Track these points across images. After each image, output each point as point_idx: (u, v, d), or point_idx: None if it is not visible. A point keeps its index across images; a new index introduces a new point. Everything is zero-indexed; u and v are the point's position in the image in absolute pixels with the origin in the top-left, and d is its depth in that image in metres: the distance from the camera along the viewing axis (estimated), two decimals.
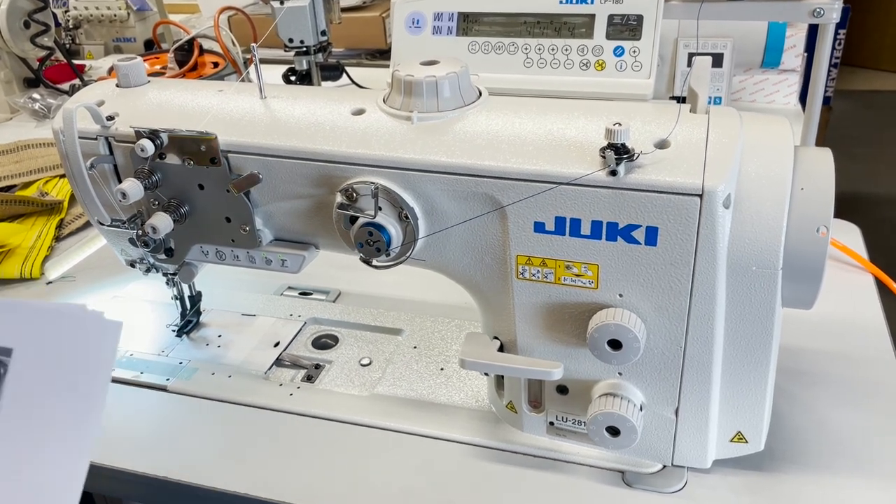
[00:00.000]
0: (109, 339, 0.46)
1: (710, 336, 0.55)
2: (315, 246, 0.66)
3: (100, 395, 0.45)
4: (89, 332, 0.46)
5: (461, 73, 0.59)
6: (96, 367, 0.45)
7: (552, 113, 0.58)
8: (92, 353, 0.45)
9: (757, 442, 0.60)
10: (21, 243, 0.98)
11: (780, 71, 1.27)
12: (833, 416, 0.67)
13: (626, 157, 0.51)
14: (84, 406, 0.45)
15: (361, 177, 0.58)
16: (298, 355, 0.78)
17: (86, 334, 0.46)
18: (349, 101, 0.62)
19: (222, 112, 0.63)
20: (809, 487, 0.60)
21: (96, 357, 0.45)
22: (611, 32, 0.66)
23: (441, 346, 0.77)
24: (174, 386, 0.74)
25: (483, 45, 0.70)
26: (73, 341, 0.46)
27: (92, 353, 0.45)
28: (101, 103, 0.66)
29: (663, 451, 0.61)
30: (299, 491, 0.62)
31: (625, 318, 0.55)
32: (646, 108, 0.58)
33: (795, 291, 0.54)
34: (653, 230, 0.52)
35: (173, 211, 0.65)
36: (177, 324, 0.81)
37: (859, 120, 3.58)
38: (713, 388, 0.57)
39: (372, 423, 0.68)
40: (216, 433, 0.69)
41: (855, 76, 4.04)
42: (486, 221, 0.57)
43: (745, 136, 0.53)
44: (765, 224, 0.51)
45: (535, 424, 0.65)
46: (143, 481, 0.65)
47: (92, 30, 1.86)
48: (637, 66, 0.66)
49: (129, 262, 0.75)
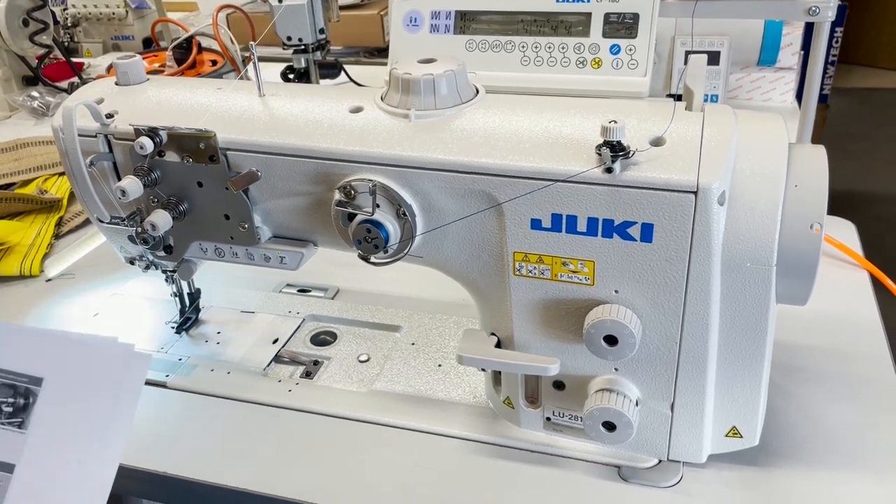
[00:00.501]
0: (137, 372, 0.47)
1: (706, 332, 0.55)
2: (313, 243, 0.67)
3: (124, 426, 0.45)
4: (118, 365, 0.47)
5: (458, 72, 0.59)
6: (122, 398, 0.46)
7: (549, 111, 0.58)
8: (119, 385, 0.46)
9: (752, 437, 0.61)
10: (20, 241, 0.98)
11: (777, 69, 1.27)
12: (827, 411, 0.67)
13: (622, 155, 0.51)
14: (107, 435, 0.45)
15: (359, 174, 0.58)
16: (297, 352, 0.78)
17: (115, 366, 0.47)
18: (347, 98, 0.63)
19: (221, 110, 0.64)
20: (803, 482, 0.60)
21: (123, 388, 0.46)
22: (607, 31, 0.67)
23: (439, 342, 0.78)
24: (173, 382, 0.74)
25: (480, 44, 0.71)
26: (101, 373, 0.47)
27: (119, 384, 0.46)
28: (100, 101, 0.66)
29: (659, 446, 0.62)
30: (298, 486, 0.63)
31: (620, 314, 0.55)
32: (642, 105, 0.58)
33: (790, 288, 0.54)
34: (648, 227, 0.53)
35: (172, 208, 0.65)
36: (176, 321, 0.82)
37: (856, 117, 3.58)
38: (708, 383, 0.58)
39: (370, 418, 0.69)
40: (215, 429, 0.69)
41: (852, 74, 4.04)
42: (483, 218, 0.57)
43: (739, 134, 0.54)
44: (759, 221, 0.52)
45: (532, 420, 0.65)
46: (142, 477, 0.65)
47: (90, 28, 1.86)
48: (633, 64, 0.66)
49: (128, 259, 0.75)
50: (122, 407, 0.45)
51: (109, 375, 0.45)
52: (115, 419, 0.45)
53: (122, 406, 0.45)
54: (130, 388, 0.45)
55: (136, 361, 0.46)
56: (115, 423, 0.45)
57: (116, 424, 0.45)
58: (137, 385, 0.46)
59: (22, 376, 0.48)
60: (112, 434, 0.45)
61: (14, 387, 0.48)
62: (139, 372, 0.46)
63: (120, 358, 0.46)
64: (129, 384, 0.45)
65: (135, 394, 0.45)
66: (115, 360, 0.46)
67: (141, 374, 0.46)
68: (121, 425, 0.45)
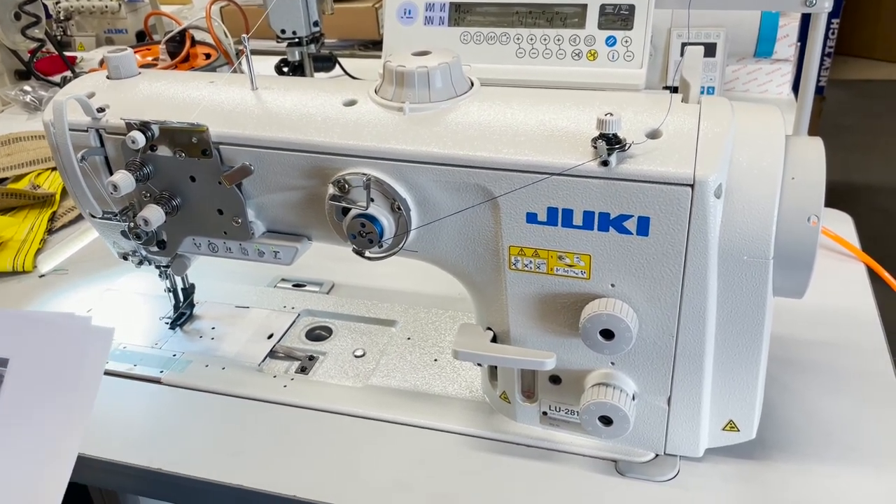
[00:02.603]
0: (101, 345, 0.47)
1: (702, 325, 0.55)
2: (308, 238, 0.66)
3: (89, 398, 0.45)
4: (81, 340, 0.46)
5: (453, 64, 0.58)
6: (87, 372, 0.46)
7: (544, 103, 0.57)
8: (83, 360, 0.46)
9: (749, 430, 0.60)
10: (13, 236, 0.98)
11: (774, 60, 1.27)
12: (824, 404, 0.67)
13: (618, 148, 0.51)
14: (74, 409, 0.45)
15: (353, 168, 0.58)
16: (292, 347, 0.78)
17: (78, 342, 0.47)
18: (341, 92, 0.62)
19: (213, 103, 0.63)
20: (800, 476, 0.60)
21: (87, 363, 0.46)
22: (603, 22, 0.66)
23: (435, 337, 0.77)
24: (168, 378, 0.74)
25: (475, 36, 0.70)
26: (65, 349, 0.46)
27: (83, 359, 0.46)
28: (91, 95, 0.66)
29: (656, 440, 0.62)
30: (293, 482, 0.62)
31: (617, 307, 0.55)
32: (638, 98, 0.58)
33: (787, 280, 0.54)
34: (644, 220, 0.52)
35: (165, 203, 0.64)
36: (170, 316, 0.81)
37: (853, 109, 3.59)
38: (705, 377, 0.57)
39: (366, 414, 0.69)
40: (210, 425, 0.69)
41: (848, 65, 4.04)
42: (478, 212, 0.57)
43: (736, 126, 0.53)
44: (756, 213, 0.51)
45: (528, 414, 0.65)
46: (136, 473, 0.65)
47: (83, 21, 1.85)
48: (629, 56, 0.66)
49: (121, 254, 0.75)
50: (86, 381, 0.45)
51: (72, 350, 0.45)
52: (79, 392, 0.44)
53: (86, 380, 0.45)
54: (94, 362, 0.45)
55: (97, 335, 0.46)
56: (80, 397, 0.44)
57: (81, 398, 0.44)
58: (101, 358, 0.46)
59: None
60: (77, 407, 0.44)
61: None
62: (102, 345, 0.46)
63: (81, 332, 0.46)
64: (92, 358, 0.45)
65: (98, 367, 0.45)
66: (77, 335, 0.46)
67: (104, 347, 0.46)
68: (85, 399, 0.44)
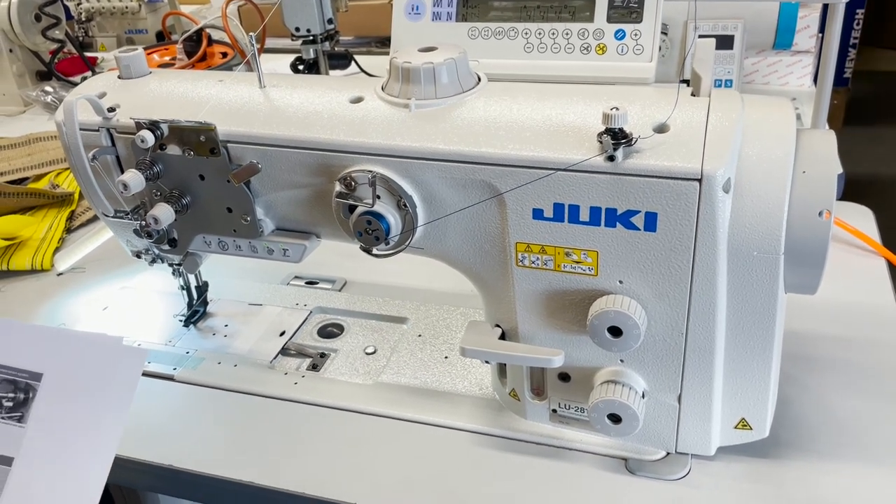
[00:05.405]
0: (133, 367, 0.47)
1: (712, 322, 0.54)
2: (316, 235, 0.66)
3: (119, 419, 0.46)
4: (114, 360, 0.47)
5: (459, 60, 0.58)
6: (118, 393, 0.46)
7: (551, 98, 0.57)
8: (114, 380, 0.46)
9: (761, 429, 0.59)
10: (32, 235, 0.99)
11: (794, 52, 1.25)
12: (841, 402, 0.66)
13: (624, 142, 0.50)
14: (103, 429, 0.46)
15: (359, 165, 0.58)
16: (304, 344, 0.78)
17: (111, 362, 0.47)
18: (347, 89, 0.62)
19: (221, 102, 0.63)
20: (815, 475, 0.59)
21: (118, 383, 0.46)
22: (612, 15, 0.65)
23: (446, 334, 0.77)
24: (181, 375, 0.74)
25: (483, 31, 0.69)
26: (98, 368, 0.47)
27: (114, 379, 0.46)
28: (102, 95, 0.66)
29: (666, 438, 0.61)
30: (304, 479, 0.62)
31: (625, 304, 0.54)
32: (647, 91, 0.57)
33: (798, 276, 0.53)
34: (652, 216, 0.52)
35: (175, 201, 0.65)
36: (184, 314, 0.82)
37: (880, 101, 3.51)
38: (716, 374, 0.57)
39: (376, 411, 0.69)
40: (222, 422, 0.69)
41: (876, 57, 3.96)
42: (484, 209, 0.57)
43: (746, 119, 0.52)
44: (766, 208, 0.51)
45: (537, 412, 0.65)
46: (150, 470, 0.65)
47: (104, 22, 1.87)
48: (639, 50, 0.65)
49: (134, 252, 0.76)
50: (117, 401, 0.45)
51: (106, 371, 0.46)
52: (110, 413, 0.45)
53: (117, 400, 0.45)
54: (126, 383, 0.45)
55: (131, 357, 0.46)
56: (111, 417, 0.45)
57: (112, 418, 0.45)
58: (133, 380, 0.46)
59: (22, 372, 0.48)
60: (108, 427, 0.45)
61: (14, 382, 0.48)
62: (135, 367, 0.46)
63: (115, 354, 0.46)
64: (124, 379, 0.45)
65: (130, 388, 0.46)
66: (111, 356, 0.46)
67: (136, 368, 0.46)
68: (117, 419, 0.45)
